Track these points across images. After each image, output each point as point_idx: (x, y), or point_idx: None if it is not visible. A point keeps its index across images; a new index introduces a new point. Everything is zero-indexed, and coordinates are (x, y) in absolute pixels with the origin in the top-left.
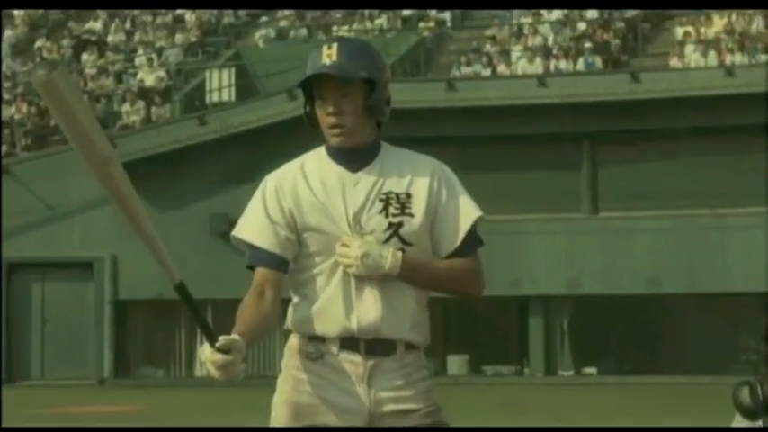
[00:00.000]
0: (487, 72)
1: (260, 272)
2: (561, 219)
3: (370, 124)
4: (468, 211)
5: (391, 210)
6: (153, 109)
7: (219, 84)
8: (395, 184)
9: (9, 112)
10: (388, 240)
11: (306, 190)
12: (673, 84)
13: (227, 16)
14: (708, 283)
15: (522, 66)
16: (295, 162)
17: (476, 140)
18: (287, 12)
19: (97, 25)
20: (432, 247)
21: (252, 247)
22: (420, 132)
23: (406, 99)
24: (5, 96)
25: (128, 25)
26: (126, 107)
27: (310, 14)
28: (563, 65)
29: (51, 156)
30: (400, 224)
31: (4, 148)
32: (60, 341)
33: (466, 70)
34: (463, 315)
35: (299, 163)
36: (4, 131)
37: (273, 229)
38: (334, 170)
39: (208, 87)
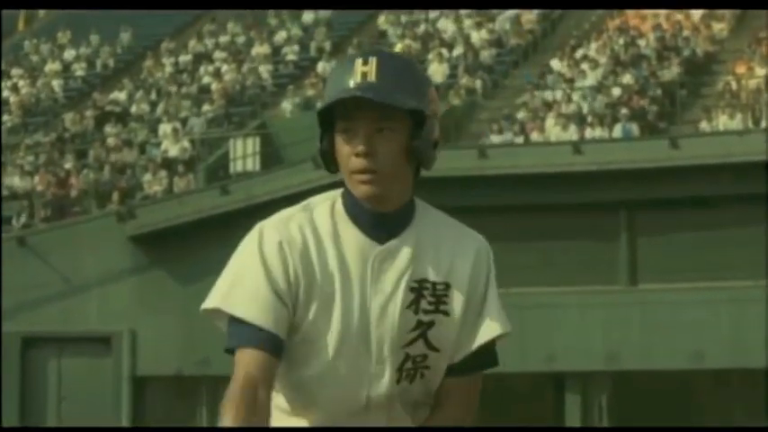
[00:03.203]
0: (520, 140)
1: (257, 358)
2: (598, 291)
3: (409, 173)
4: (492, 323)
5: (423, 304)
6: (175, 179)
7: (244, 153)
8: (432, 269)
9: (30, 183)
10: (411, 344)
11: (320, 263)
12: (713, 150)
13: (253, 87)
14: (753, 358)
15: (555, 133)
16: (300, 211)
17: (508, 209)
18: (314, 80)
19: (121, 96)
20: None
21: (244, 323)
22: (451, 201)
23: (437, 167)
24: (27, 168)
25: (152, 96)
26: (148, 177)
27: None
28: (598, 132)
29: (68, 227)
30: (431, 324)
31: (23, 219)
32: (76, 417)
33: (497, 138)
34: (497, 391)
35: (308, 216)
36: (23, 203)
37: (279, 302)
38: (356, 238)
39: (232, 156)
